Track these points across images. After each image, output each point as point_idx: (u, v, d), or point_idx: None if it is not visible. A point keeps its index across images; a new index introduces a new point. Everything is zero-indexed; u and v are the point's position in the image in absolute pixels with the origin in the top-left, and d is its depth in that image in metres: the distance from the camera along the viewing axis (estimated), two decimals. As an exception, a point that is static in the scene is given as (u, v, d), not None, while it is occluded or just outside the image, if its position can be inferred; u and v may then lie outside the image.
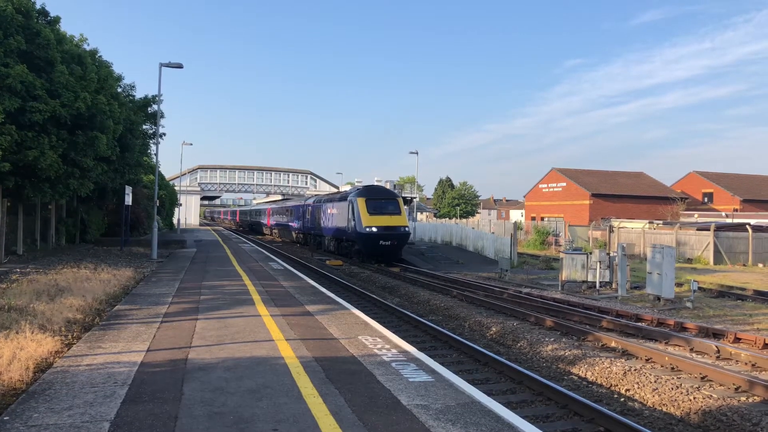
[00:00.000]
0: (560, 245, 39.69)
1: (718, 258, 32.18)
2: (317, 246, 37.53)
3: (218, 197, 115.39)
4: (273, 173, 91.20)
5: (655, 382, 8.74)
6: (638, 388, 8.72)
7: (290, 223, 45.99)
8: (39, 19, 18.12)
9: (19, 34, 16.33)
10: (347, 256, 30.65)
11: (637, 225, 39.90)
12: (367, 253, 28.30)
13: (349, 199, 29.58)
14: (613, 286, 19.18)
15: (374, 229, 27.43)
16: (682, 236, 34.32)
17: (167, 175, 68.05)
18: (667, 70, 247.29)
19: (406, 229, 28.80)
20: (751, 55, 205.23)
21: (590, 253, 20.01)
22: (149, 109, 28.81)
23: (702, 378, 9.09)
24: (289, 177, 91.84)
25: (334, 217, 32.31)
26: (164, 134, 29.50)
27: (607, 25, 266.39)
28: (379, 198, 29.15)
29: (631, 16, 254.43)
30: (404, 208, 29.83)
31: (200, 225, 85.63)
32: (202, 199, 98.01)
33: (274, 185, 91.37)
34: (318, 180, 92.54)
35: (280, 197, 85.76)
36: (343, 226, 30.33)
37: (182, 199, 66.23)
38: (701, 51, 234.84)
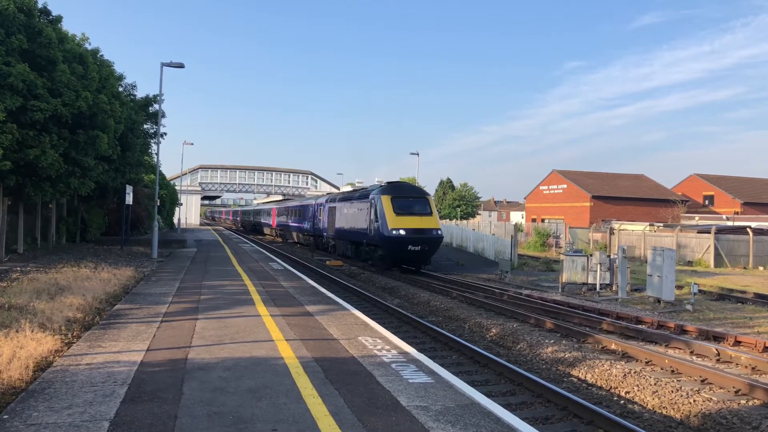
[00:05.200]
0: (560, 247, 39.67)
1: (718, 261, 32.15)
2: (330, 249, 34.22)
3: (219, 197, 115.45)
4: (274, 173, 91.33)
5: (654, 384, 8.72)
6: (638, 390, 8.71)
7: (299, 224, 42.91)
8: (41, 18, 18.11)
9: (21, 32, 16.33)
10: (366, 262, 27.26)
11: (638, 227, 39.87)
12: (393, 259, 24.74)
13: (370, 197, 25.85)
14: (614, 288, 19.17)
15: (402, 232, 23.56)
16: (682, 239, 34.30)
17: (168, 175, 68.12)
18: (666, 72, 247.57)
19: (439, 232, 24.70)
20: (750, 58, 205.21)
21: (591, 256, 20.00)
22: (150, 108, 28.83)
23: (702, 381, 9.08)
24: (289, 177, 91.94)
25: (352, 217, 28.74)
26: (165, 134, 29.59)
27: (606, 28, 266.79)
28: (407, 196, 25.29)
29: (631, 18, 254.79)
30: (435, 207, 26.06)
31: (201, 225, 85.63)
32: (203, 198, 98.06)
33: (275, 185, 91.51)
34: (319, 180, 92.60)
35: (280, 197, 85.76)
36: (363, 228, 26.66)
37: (183, 198, 66.25)
38: (700, 54, 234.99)
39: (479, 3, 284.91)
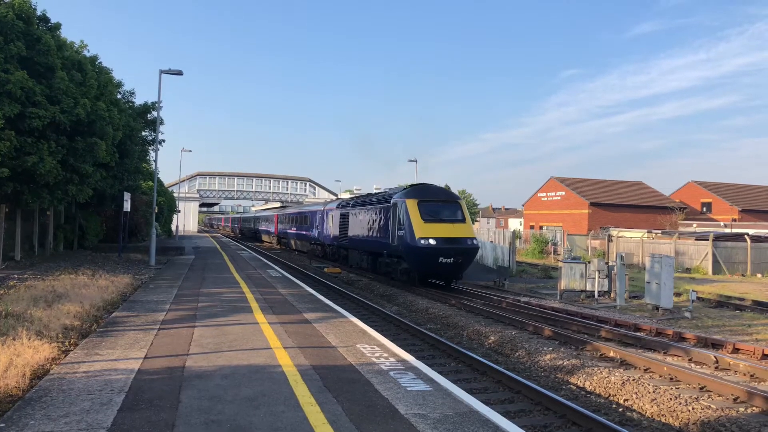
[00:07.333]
0: (559, 254, 39.68)
1: (716, 268, 32.18)
2: (342, 260, 31.24)
3: (217, 204, 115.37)
4: (272, 180, 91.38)
5: (653, 392, 8.71)
6: (637, 398, 8.69)
7: (305, 232, 40.28)
8: (40, 25, 18.18)
9: (20, 40, 16.38)
10: (388, 276, 24.03)
11: (636, 234, 39.92)
12: (422, 272, 21.65)
13: (392, 201, 22.84)
14: (612, 295, 19.16)
15: (432, 242, 20.37)
16: (680, 246, 34.34)
17: (166, 182, 68.00)
18: (663, 80, 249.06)
19: (474, 242, 21.55)
20: (745, 66, 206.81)
21: (589, 263, 20.01)
22: (149, 115, 28.93)
23: (700, 388, 9.07)
24: (287, 184, 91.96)
25: (369, 225, 25.65)
26: (163, 141, 29.65)
27: (603, 37, 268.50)
28: (436, 200, 22.06)
29: (628, 27, 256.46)
30: (468, 213, 22.80)
31: (198, 232, 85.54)
32: (201, 205, 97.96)
33: (273, 192, 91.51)
34: (317, 187, 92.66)
35: (278, 204, 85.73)
36: (383, 237, 23.62)
37: (181, 205, 66.21)
38: (696, 62, 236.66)
39: (477, 12, 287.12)
